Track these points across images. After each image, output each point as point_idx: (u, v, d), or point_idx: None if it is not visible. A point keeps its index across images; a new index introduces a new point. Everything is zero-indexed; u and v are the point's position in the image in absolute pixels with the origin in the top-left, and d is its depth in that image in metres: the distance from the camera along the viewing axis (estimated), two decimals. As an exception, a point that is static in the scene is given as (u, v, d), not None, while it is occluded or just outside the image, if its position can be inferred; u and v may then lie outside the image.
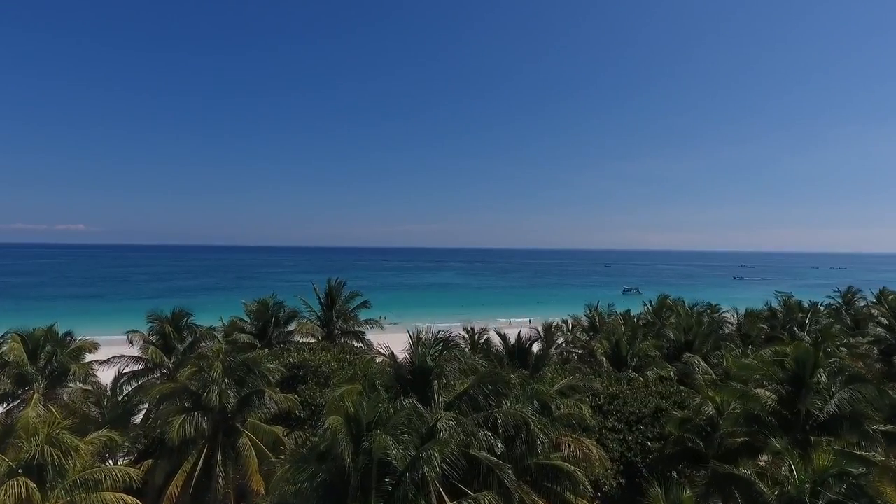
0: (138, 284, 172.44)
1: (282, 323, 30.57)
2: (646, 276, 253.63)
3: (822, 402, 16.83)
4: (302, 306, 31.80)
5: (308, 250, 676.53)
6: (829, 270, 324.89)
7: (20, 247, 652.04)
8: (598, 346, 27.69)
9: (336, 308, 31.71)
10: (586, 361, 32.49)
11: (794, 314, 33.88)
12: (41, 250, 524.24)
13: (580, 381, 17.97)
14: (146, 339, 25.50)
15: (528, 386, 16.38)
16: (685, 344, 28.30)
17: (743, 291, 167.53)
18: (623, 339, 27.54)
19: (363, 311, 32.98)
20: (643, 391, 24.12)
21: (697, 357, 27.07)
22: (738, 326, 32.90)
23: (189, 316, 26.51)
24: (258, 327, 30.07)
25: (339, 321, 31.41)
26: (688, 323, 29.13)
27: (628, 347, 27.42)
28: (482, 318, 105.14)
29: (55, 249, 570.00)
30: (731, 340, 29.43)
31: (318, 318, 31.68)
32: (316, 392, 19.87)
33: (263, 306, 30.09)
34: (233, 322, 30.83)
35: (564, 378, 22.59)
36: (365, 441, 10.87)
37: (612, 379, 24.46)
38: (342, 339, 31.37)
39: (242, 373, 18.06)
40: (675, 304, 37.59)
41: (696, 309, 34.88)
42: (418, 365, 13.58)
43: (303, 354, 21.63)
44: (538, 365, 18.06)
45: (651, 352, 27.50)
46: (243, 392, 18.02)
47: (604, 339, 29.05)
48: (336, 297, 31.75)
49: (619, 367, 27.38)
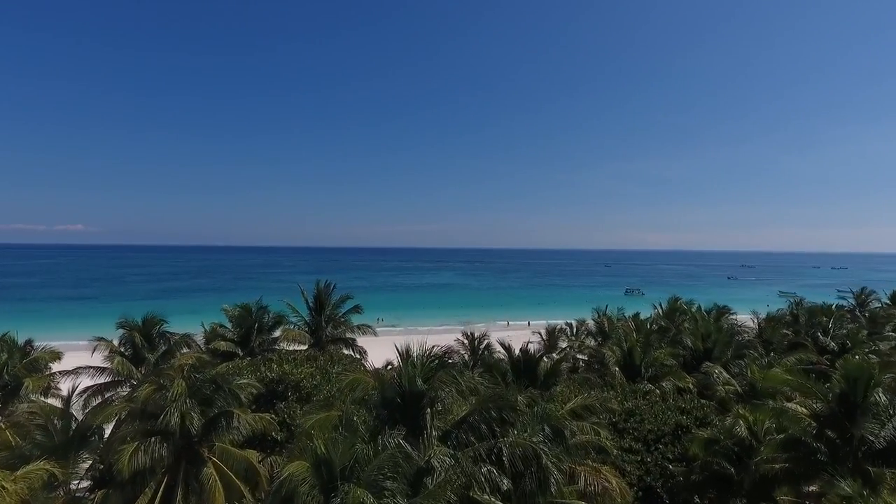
0: (133, 285, 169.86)
1: (266, 329, 28.22)
2: (647, 276, 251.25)
3: (879, 426, 14.54)
4: (288, 311, 29.42)
5: (307, 250, 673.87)
6: (830, 270, 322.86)
7: (18, 247, 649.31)
8: (610, 354, 25.36)
9: (325, 313, 29.35)
10: (594, 370, 30.19)
11: (818, 318, 31.55)
12: (39, 251, 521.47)
13: (596, 399, 15.68)
14: (113, 349, 23.18)
15: (538, 406, 14.08)
16: (704, 352, 25.96)
17: (745, 292, 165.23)
18: (637, 346, 25.21)
19: (355, 315, 30.56)
20: (661, 406, 21.83)
21: (718, 366, 24.76)
22: (759, 332, 30.54)
23: (162, 323, 24.18)
24: (240, 334, 27.73)
25: (329, 327, 29.04)
26: (706, 329, 26.77)
27: (642, 356, 25.10)
28: (481, 319, 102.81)
29: (52, 250, 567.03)
30: (753, 348, 27.10)
31: (305, 324, 29.33)
32: (296, 410, 17.58)
33: (246, 311, 27.73)
34: (213, 329, 28.53)
35: (575, 393, 20.33)
36: (336, 497, 8.56)
37: (626, 392, 22.15)
38: (331, 346, 29.04)
39: (210, 391, 15.73)
40: (689, 308, 35.19)
41: (712, 313, 32.53)
42: (408, 388, 11.30)
43: (282, 367, 19.29)
44: (548, 382, 15.79)
45: (667, 360, 25.19)
46: (210, 413, 15.70)
47: (615, 346, 26.72)
48: (325, 300, 29.38)
49: (632, 378, 25.08)
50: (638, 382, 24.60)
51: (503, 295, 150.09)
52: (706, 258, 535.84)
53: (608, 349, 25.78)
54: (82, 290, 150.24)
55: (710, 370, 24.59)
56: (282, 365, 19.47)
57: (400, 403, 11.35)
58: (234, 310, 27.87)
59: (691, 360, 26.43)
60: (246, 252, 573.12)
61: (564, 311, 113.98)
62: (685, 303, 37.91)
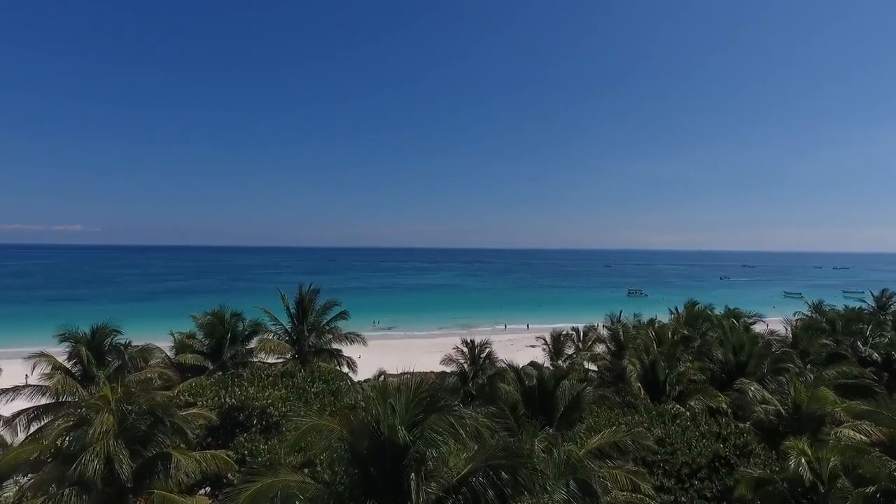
0: (126, 286, 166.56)
1: (240, 340, 25.02)
2: (648, 276, 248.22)
3: None
4: (266, 318, 26.19)
5: (306, 251, 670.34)
6: (832, 270, 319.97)
7: (16, 247, 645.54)
8: (631, 368, 22.18)
9: (308, 321, 26.12)
10: (608, 382, 27.03)
11: (855, 325, 28.43)
12: (36, 251, 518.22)
13: (627, 433, 12.50)
14: (56, 365, 19.95)
15: (558, 450, 10.95)
16: (736, 366, 22.78)
17: (748, 292, 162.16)
18: (660, 359, 22.04)
19: (342, 322, 27.27)
20: (693, 432, 18.67)
21: (754, 383, 21.59)
22: (794, 341, 27.35)
23: (115, 333, 20.92)
24: (210, 345, 24.54)
25: (312, 336, 25.82)
26: (738, 339, 23.60)
27: (667, 370, 21.94)
28: (480, 320, 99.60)
29: (50, 250, 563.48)
30: (790, 360, 23.95)
31: (286, 333, 26.11)
32: (259, 444, 14.42)
33: (217, 319, 24.52)
34: (181, 339, 25.35)
35: (595, 417, 17.13)
36: None
37: (652, 416, 18.98)
38: (315, 358, 25.83)
39: (146, 426, 12.59)
40: (712, 314, 31.85)
41: (741, 320, 29.28)
42: (387, 437, 8.18)
43: (245, 391, 16.10)
44: (570, 416, 12.69)
45: (695, 376, 22.02)
46: (147, 454, 12.55)
47: (634, 359, 23.54)
48: (308, 307, 26.15)
49: (656, 396, 21.94)
50: (663, 402, 21.45)
51: (502, 296, 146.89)
52: (706, 258, 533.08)
53: (628, 362, 22.60)
54: (72, 291, 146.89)
55: (744, 387, 21.42)
56: (245, 388, 16.28)
57: (377, 459, 8.24)
58: (204, 317, 24.66)
59: (721, 375, 23.27)
60: (245, 252, 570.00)
61: (565, 312, 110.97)
62: (704, 307, 34.68)
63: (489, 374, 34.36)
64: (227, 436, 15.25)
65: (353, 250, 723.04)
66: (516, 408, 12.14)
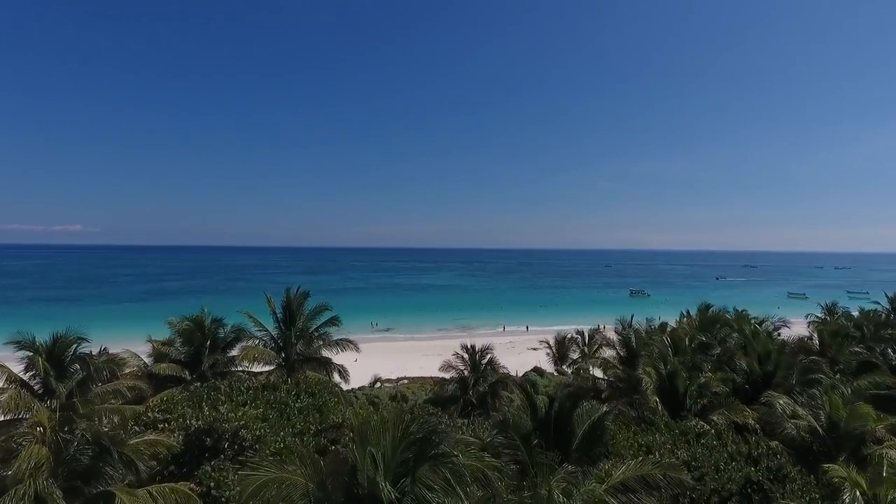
0: (123, 286, 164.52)
1: (220, 347, 23.03)
2: (648, 276, 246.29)
3: None
4: (250, 323, 24.17)
5: (306, 251, 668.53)
6: (834, 270, 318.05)
7: (15, 247, 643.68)
8: (647, 380, 20.21)
9: (296, 326, 24.13)
10: (620, 391, 25.05)
11: (884, 331, 26.46)
12: (34, 251, 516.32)
13: (656, 466, 10.50)
14: (11, 377, 17.99)
15: (578, 489, 9.01)
16: (763, 376, 20.79)
17: (751, 293, 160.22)
18: (680, 369, 20.07)
19: (332, 328, 25.23)
20: (721, 453, 16.71)
21: (783, 396, 19.62)
22: (821, 349, 25.32)
23: (81, 341, 18.93)
24: (189, 353, 22.55)
25: (299, 344, 23.82)
26: (763, 347, 21.61)
27: (687, 382, 19.96)
28: (480, 321, 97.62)
29: (48, 250, 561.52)
30: (818, 369, 21.98)
31: (272, 340, 24.11)
32: (228, 474, 12.43)
33: (196, 325, 22.52)
34: (156, 347, 23.37)
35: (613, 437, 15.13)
36: None
37: (675, 434, 17.01)
38: (303, 367, 23.85)
39: (90, 458, 10.64)
40: (729, 318, 29.73)
41: (764, 325, 27.21)
42: (367, 493, 6.24)
43: (215, 410, 14.08)
44: (590, 446, 10.66)
45: (718, 388, 20.05)
46: (91, 490, 10.58)
47: (650, 369, 21.56)
48: (296, 312, 24.15)
49: (675, 410, 19.97)
50: (684, 417, 19.48)
51: (502, 296, 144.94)
52: (706, 258, 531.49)
53: (644, 373, 20.63)
54: (68, 291, 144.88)
55: (772, 401, 19.46)
56: (216, 406, 14.29)
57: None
58: (182, 323, 22.64)
59: (744, 387, 21.29)
60: (245, 252, 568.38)
61: (567, 313, 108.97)
62: (719, 310, 32.68)
63: (491, 382, 32.51)
64: (194, 463, 13.30)
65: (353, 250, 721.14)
66: (529, 436, 10.19)
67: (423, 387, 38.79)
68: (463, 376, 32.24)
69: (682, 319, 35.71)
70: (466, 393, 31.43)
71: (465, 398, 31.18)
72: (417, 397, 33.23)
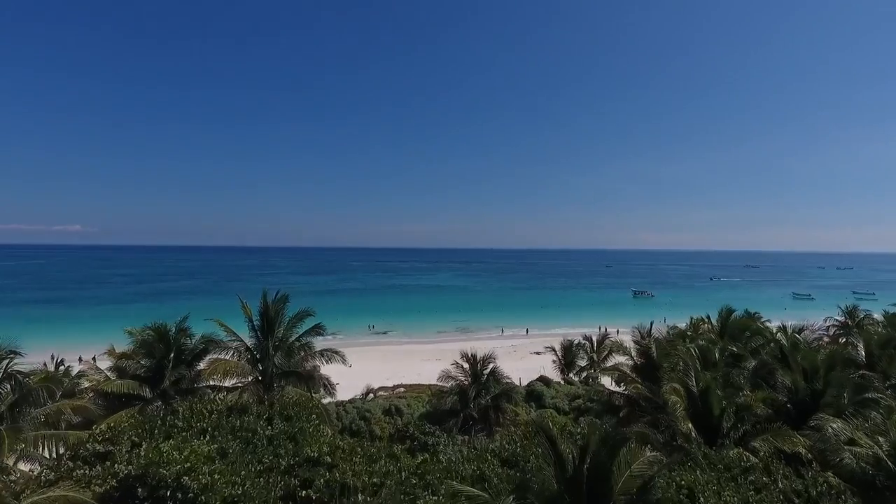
0: (117, 287, 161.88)
1: (187, 361, 20.19)
2: (650, 276, 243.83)
3: None
4: (222, 332, 21.31)
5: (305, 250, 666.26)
6: (836, 270, 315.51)
7: (14, 247, 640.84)
8: (676, 399, 17.38)
9: (274, 336, 21.30)
10: (640, 408, 22.24)
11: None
12: (33, 251, 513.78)
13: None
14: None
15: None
16: (811, 395, 17.97)
17: (756, 293, 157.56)
18: (715, 387, 17.25)
19: (314, 337, 22.33)
20: (773, 490, 13.92)
21: (835, 419, 16.82)
22: (868, 361, 22.38)
23: (13, 356, 16.13)
24: (151, 367, 19.72)
25: (278, 355, 20.98)
26: (809, 361, 18.74)
27: (724, 402, 17.15)
28: (480, 323, 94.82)
29: (46, 250, 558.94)
30: (870, 385, 19.18)
31: (247, 351, 21.28)
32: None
33: (158, 334, 19.69)
34: (116, 363, 20.56)
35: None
36: None
37: (719, 470, 14.18)
38: (282, 382, 21.03)
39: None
40: (764, 326, 26.70)
41: (804, 334, 24.16)
42: None
43: (153, 452, 11.13)
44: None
45: (759, 409, 17.24)
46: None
47: (676, 384, 18.73)
48: (274, 319, 21.31)
49: (710, 436, 17.17)
50: (721, 445, 16.67)
51: (503, 297, 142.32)
52: (706, 258, 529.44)
53: (671, 392, 17.81)
54: (60, 292, 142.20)
55: (823, 424, 16.65)
56: (154, 448, 11.38)
57: None
58: (143, 332, 19.80)
59: (785, 407, 18.47)
60: (244, 252, 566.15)
61: (570, 315, 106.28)
62: (742, 315, 29.87)
63: (494, 394, 29.79)
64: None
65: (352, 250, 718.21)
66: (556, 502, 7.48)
67: (420, 396, 36.01)
68: (463, 388, 29.51)
69: (695, 323, 32.89)
70: (467, 406, 28.69)
71: (465, 413, 28.45)
72: (413, 410, 30.44)
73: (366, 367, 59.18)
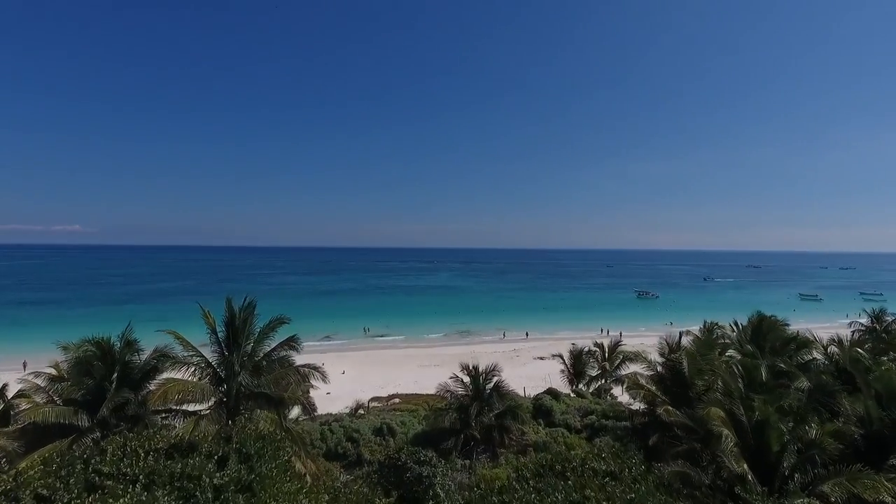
0: (110, 287, 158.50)
1: (135, 381, 16.90)
2: (652, 276, 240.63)
3: None
4: (180, 347, 18.04)
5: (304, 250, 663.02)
6: (838, 270, 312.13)
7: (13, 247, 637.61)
8: (727, 434, 14.13)
9: (241, 351, 18.03)
10: (672, 435, 18.93)
11: None
12: (31, 251, 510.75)
13: None
14: None
15: None
16: (892, 426, 14.69)
17: (762, 294, 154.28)
18: (773, 418, 14.00)
19: (289, 351, 19.01)
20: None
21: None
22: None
23: None
24: (90, 388, 16.45)
25: (245, 374, 17.70)
26: (885, 382, 15.41)
27: (784, 437, 13.90)
28: (481, 326, 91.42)
29: (44, 250, 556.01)
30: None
31: (209, 368, 18.01)
32: None
33: (99, 350, 16.43)
34: (48, 386, 17.30)
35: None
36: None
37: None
38: (250, 404, 17.73)
39: None
40: (814, 338, 23.18)
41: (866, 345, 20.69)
42: None
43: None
44: None
45: (828, 445, 13.98)
46: None
47: (719, 411, 15.46)
48: (241, 330, 18.05)
49: (766, 476, 13.92)
50: (781, 489, 13.42)
51: (503, 298, 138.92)
52: (706, 258, 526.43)
53: (719, 422, 14.53)
54: (53, 293, 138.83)
55: (910, 465, 13.40)
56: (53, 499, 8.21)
57: None
58: (80, 346, 16.52)
59: (855, 441, 15.19)
60: (242, 252, 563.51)
61: (573, 316, 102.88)
62: (775, 320, 26.52)
63: (498, 412, 26.56)
64: None
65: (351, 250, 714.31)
66: None
67: (416, 411, 32.77)
68: (463, 404, 26.27)
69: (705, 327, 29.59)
70: (468, 426, 25.44)
71: (466, 433, 25.22)
72: (407, 429, 27.15)
73: (359, 373, 55.85)
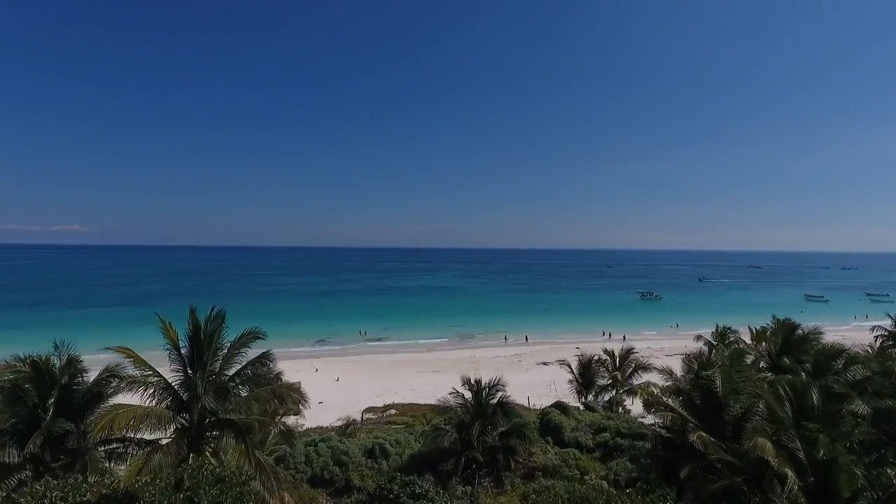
0: (104, 288, 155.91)
1: (78, 407, 14.30)
2: (653, 277, 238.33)
3: None
4: (133, 366, 15.44)
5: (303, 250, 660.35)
6: (840, 271, 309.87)
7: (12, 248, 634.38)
8: (791, 475, 11.57)
9: (206, 371, 15.44)
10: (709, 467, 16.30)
11: None
12: (29, 251, 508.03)
13: None
14: None
15: None
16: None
17: (766, 295, 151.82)
18: (844, 459, 11.47)
19: (260, 368, 16.41)
20: None
21: None
22: None
23: None
24: (23, 417, 13.85)
25: (209, 397, 15.12)
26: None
27: (858, 482, 11.36)
28: (482, 329, 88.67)
29: (42, 250, 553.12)
30: None
31: (168, 390, 15.43)
32: None
33: (34, 371, 13.84)
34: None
35: None
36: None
37: None
38: (217, 433, 15.15)
39: None
40: (859, 352, 20.68)
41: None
42: None
43: None
44: None
45: None
46: None
47: (763, 439, 12.88)
48: (206, 346, 15.46)
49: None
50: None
51: (504, 300, 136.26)
52: (706, 258, 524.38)
53: (778, 461, 11.99)
54: (41, 294, 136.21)
55: None
56: None
57: None
58: (10, 367, 13.91)
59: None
60: (241, 252, 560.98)
61: (575, 318, 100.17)
62: (807, 331, 24.03)
63: (503, 430, 23.99)
64: None
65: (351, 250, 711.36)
66: None
67: (414, 425, 30.23)
68: (464, 422, 23.70)
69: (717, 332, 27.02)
70: (470, 446, 22.87)
71: (467, 455, 22.65)
72: (402, 449, 24.52)
73: (354, 380, 53.14)
